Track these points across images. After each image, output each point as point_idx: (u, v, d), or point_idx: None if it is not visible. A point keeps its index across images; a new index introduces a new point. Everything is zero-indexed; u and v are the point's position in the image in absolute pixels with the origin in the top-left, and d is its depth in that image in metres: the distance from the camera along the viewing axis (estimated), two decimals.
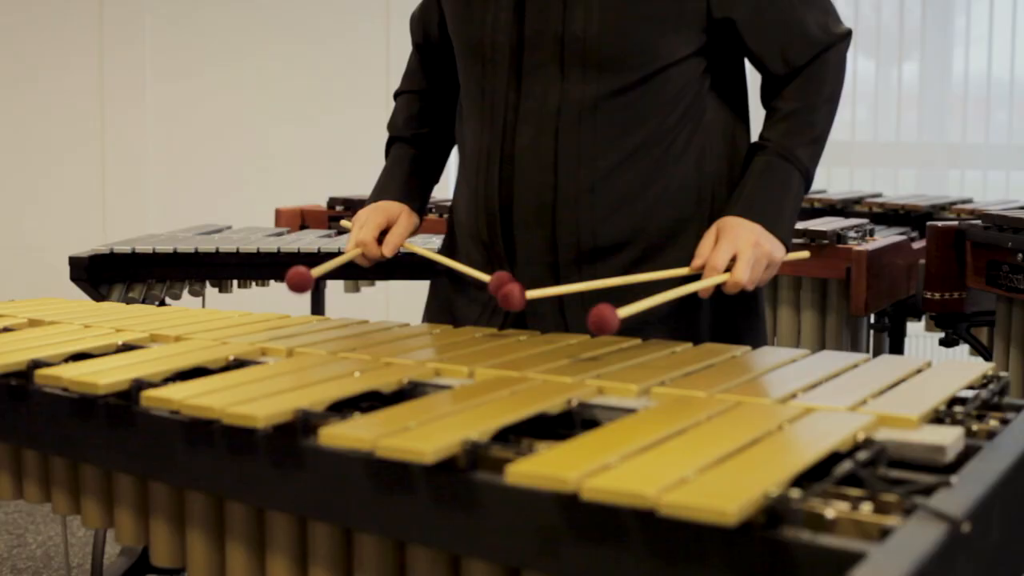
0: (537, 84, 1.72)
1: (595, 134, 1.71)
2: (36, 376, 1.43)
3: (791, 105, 1.78)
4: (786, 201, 1.75)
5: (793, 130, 1.77)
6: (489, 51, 1.76)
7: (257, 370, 1.42)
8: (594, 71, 1.70)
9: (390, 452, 1.06)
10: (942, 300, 2.68)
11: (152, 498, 1.37)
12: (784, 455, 1.01)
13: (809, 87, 1.79)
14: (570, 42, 1.70)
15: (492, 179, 1.77)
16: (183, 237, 3.14)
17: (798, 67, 1.79)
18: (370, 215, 1.89)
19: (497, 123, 1.76)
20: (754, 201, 1.72)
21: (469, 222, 1.84)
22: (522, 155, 1.74)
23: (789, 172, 1.76)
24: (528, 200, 1.74)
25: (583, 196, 1.72)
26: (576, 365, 1.41)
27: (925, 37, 4.99)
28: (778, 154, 1.76)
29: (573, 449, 1.04)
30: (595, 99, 1.70)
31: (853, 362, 1.42)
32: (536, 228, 1.75)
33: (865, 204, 3.59)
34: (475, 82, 1.80)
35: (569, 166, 1.72)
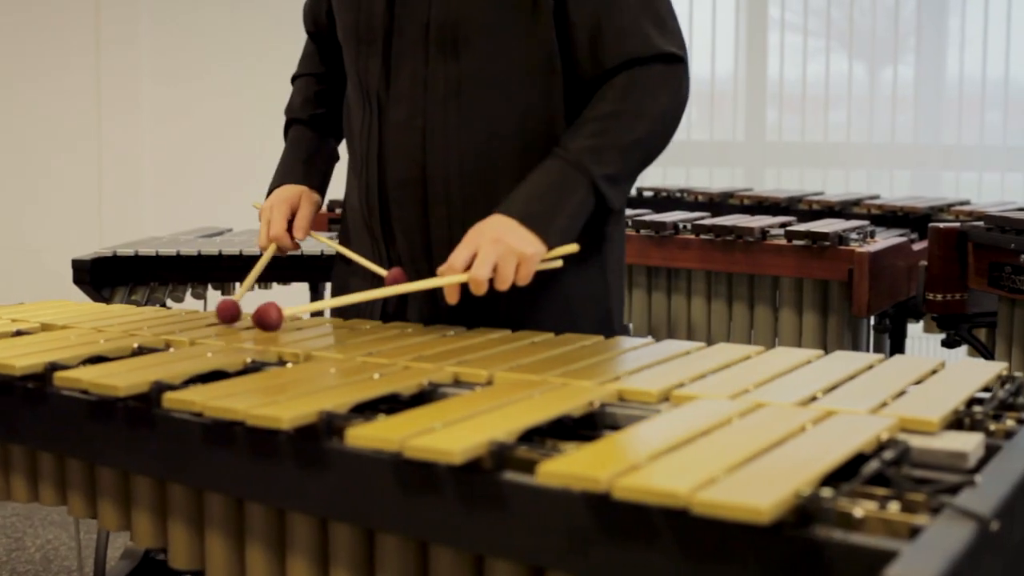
0: (406, 66, 1.78)
1: (459, 114, 1.76)
2: (55, 379, 1.43)
3: (591, 112, 1.73)
4: (559, 204, 1.69)
5: (587, 140, 1.71)
6: (365, 35, 1.82)
7: (276, 373, 1.43)
8: (452, 54, 1.75)
9: (418, 453, 1.07)
10: (944, 301, 2.69)
11: (171, 500, 1.38)
12: (811, 456, 1.02)
13: (617, 99, 1.73)
14: (434, 26, 1.74)
15: (372, 160, 1.83)
16: (185, 240, 3.14)
17: (605, 70, 1.74)
18: (275, 208, 1.94)
19: (373, 105, 1.82)
20: (516, 199, 1.70)
21: (355, 205, 1.91)
22: (393, 135, 1.80)
23: (572, 177, 1.69)
24: (400, 179, 1.80)
25: (452, 174, 1.77)
26: (593, 367, 1.42)
27: (920, 39, 5.01)
28: (566, 160, 1.70)
29: (601, 450, 1.05)
30: (458, 80, 1.75)
31: (868, 363, 1.42)
32: (408, 207, 1.80)
33: (863, 206, 3.60)
34: (354, 67, 1.86)
35: (436, 144, 1.77)
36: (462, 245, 1.66)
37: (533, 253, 1.65)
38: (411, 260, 1.83)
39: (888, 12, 5.04)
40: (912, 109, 5.02)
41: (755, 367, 1.41)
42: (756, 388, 1.29)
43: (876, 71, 5.08)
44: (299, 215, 1.95)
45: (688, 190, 3.95)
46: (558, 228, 1.69)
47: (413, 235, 1.81)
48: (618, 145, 1.71)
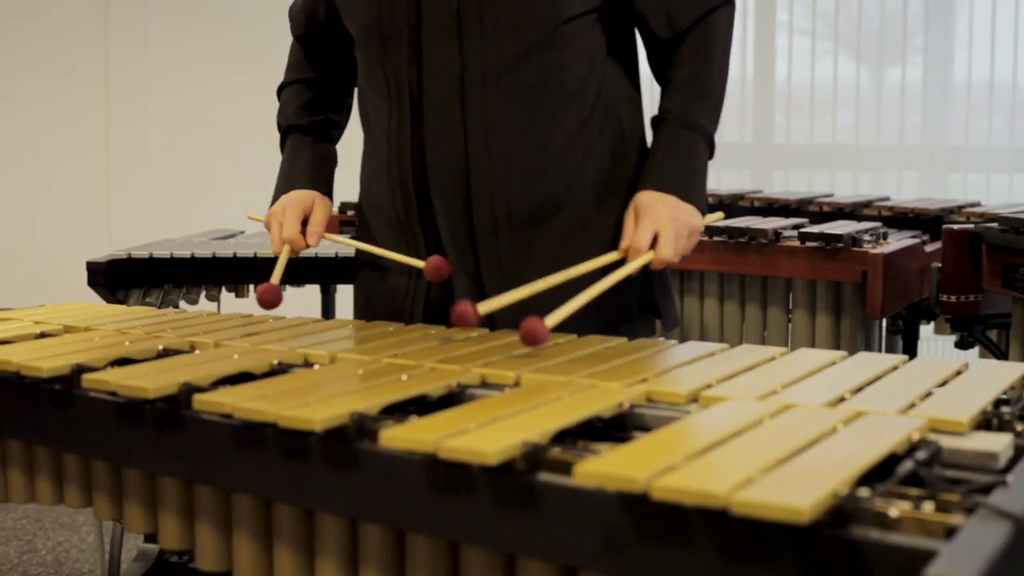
0: (437, 56, 1.76)
1: (500, 99, 1.75)
2: (83, 381, 1.43)
3: (685, 73, 1.82)
4: (696, 168, 1.79)
5: (691, 98, 1.80)
6: (387, 30, 1.79)
7: (303, 375, 1.43)
8: (491, 36, 1.73)
9: (453, 454, 1.07)
10: (958, 303, 2.69)
11: (198, 501, 1.38)
12: (845, 456, 1.02)
13: (700, 54, 1.82)
14: (466, 10, 1.73)
15: (405, 157, 1.81)
16: (199, 242, 3.15)
17: (683, 29, 1.81)
18: (287, 211, 1.90)
19: (404, 101, 1.80)
20: (665, 173, 1.76)
21: (385, 205, 1.87)
22: (431, 128, 1.78)
23: (694, 139, 1.79)
24: (441, 171, 1.78)
25: (495, 162, 1.76)
26: (620, 368, 1.42)
27: (927, 40, 5.02)
28: (681, 123, 1.79)
29: (636, 450, 1.05)
30: (496, 64, 1.74)
31: (892, 364, 1.43)
32: (451, 199, 1.79)
33: (874, 207, 3.61)
34: (376, 64, 1.83)
35: (478, 133, 1.76)
36: (642, 225, 1.69)
37: (699, 225, 1.75)
38: (455, 251, 1.81)
39: (895, 14, 5.05)
40: (920, 111, 5.03)
41: (781, 368, 1.42)
42: (784, 389, 1.30)
43: (884, 73, 5.09)
44: (313, 219, 1.92)
45: None
46: (701, 195, 1.78)
47: (457, 226, 1.80)
48: (714, 101, 1.82)
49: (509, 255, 1.79)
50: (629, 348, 1.57)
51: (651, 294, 1.89)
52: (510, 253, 1.79)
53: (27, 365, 1.50)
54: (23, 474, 1.61)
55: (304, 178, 1.96)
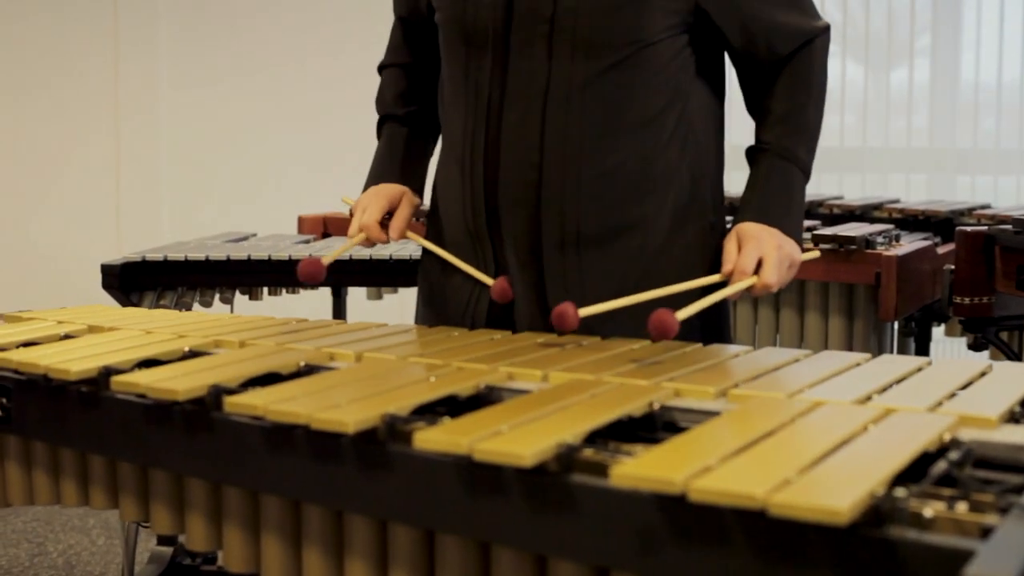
0: (524, 64, 1.75)
1: (582, 115, 1.74)
2: (112, 383, 1.44)
3: (783, 106, 1.82)
4: (795, 202, 1.81)
5: (790, 131, 1.81)
6: (472, 31, 1.78)
7: (331, 376, 1.44)
8: (582, 50, 1.72)
9: (488, 455, 1.08)
10: (971, 304, 2.69)
11: (226, 503, 1.39)
12: (878, 455, 1.03)
13: (798, 86, 1.82)
14: (560, 20, 1.72)
15: (478, 161, 1.79)
16: (213, 245, 3.15)
17: (782, 57, 1.81)
18: (372, 200, 1.89)
19: (482, 104, 1.78)
20: (768, 206, 1.78)
21: (455, 208, 1.86)
22: (508, 136, 1.76)
23: (793, 173, 1.81)
24: (513, 181, 1.77)
25: (569, 177, 1.75)
26: (646, 369, 1.43)
27: (934, 42, 5.02)
28: (780, 156, 1.81)
29: (670, 452, 1.06)
30: (583, 78, 1.73)
31: (916, 366, 1.44)
32: (520, 210, 1.77)
33: (885, 210, 3.61)
34: (459, 64, 1.82)
35: (555, 146, 1.74)
36: (747, 249, 1.71)
37: (799, 259, 1.77)
38: (518, 265, 1.79)
39: (902, 16, 5.06)
40: (927, 113, 5.03)
41: (806, 369, 1.43)
42: (811, 388, 1.30)
43: (891, 75, 5.09)
44: (398, 214, 1.90)
45: None
46: (800, 229, 1.81)
47: (522, 239, 1.78)
48: (810, 131, 1.83)
49: (575, 274, 1.77)
50: (654, 350, 1.57)
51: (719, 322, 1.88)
52: (576, 272, 1.77)
53: (55, 367, 1.51)
54: (48, 476, 1.61)
55: (395, 172, 1.95)
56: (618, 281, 1.76)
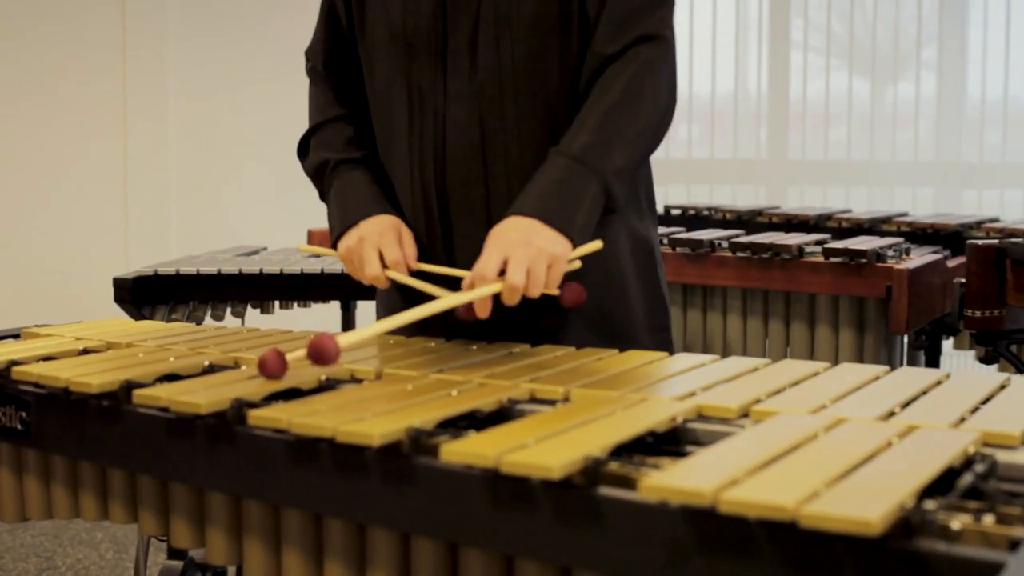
0: (460, 65, 1.77)
1: (517, 103, 1.76)
2: (134, 396, 1.45)
3: (589, 110, 1.72)
4: (575, 199, 1.66)
5: (593, 135, 1.69)
6: (414, 36, 1.79)
7: (353, 390, 1.45)
8: (507, 41, 1.75)
9: (515, 468, 1.09)
10: (982, 318, 2.70)
11: (246, 516, 1.39)
12: (905, 469, 1.04)
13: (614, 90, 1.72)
14: (484, 18, 1.75)
15: (427, 161, 1.80)
16: (224, 259, 3.16)
17: (622, 46, 1.73)
18: (383, 234, 1.76)
19: (426, 107, 1.79)
20: (532, 198, 1.67)
21: (409, 219, 1.83)
22: (453, 135, 1.78)
23: (581, 173, 1.67)
24: (461, 178, 1.78)
25: (513, 169, 1.76)
26: (667, 384, 1.44)
27: (941, 56, 5.03)
28: (571, 156, 1.68)
29: (697, 465, 1.06)
30: (512, 68, 1.75)
31: (936, 379, 1.44)
32: (471, 206, 1.79)
33: (893, 223, 3.62)
34: (399, 70, 1.81)
35: (496, 141, 1.76)
36: (488, 251, 1.60)
37: (562, 252, 1.62)
38: (472, 260, 1.71)
39: (908, 30, 5.07)
40: (934, 127, 5.04)
41: (826, 383, 1.43)
42: (833, 403, 1.31)
43: (897, 89, 5.11)
44: (407, 242, 1.78)
45: (716, 208, 3.97)
46: (579, 225, 1.65)
47: (476, 235, 1.75)
48: (622, 142, 1.70)
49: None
50: (672, 363, 1.58)
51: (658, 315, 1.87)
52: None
53: (76, 381, 1.51)
54: (67, 489, 1.62)
55: (380, 206, 1.82)
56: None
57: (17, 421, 1.61)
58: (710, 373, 1.50)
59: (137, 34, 5.09)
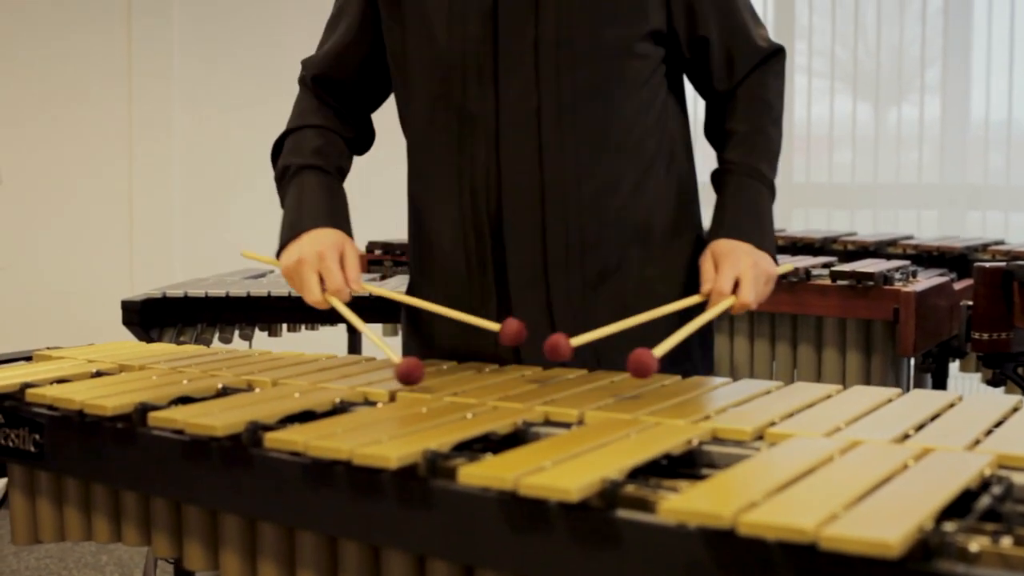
0: (514, 87, 1.76)
1: (575, 131, 1.76)
2: (149, 419, 1.45)
3: (744, 126, 1.87)
4: (765, 218, 1.85)
5: (753, 150, 1.86)
6: (461, 60, 1.78)
7: (368, 413, 1.45)
8: (568, 66, 1.75)
9: (533, 491, 1.09)
10: (990, 340, 2.70)
11: (260, 539, 1.39)
12: (922, 491, 1.04)
13: (757, 106, 1.88)
14: (544, 42, 1.75)
15: (479, 191, 1.79)
16: (232, 281, 3.17)
17: (741, 77, 1.87)
18: (324, 255, 1.73)
19: (479, 133, 1.78)
20: (738, 223, 1.81)
21: (450, 241, 1.83)
22: (508, 160, 1.77)
23: (759, 189, 1.85)
24: (518, 203, 1.78)
25: (571, 193, 1.77)
26: (681, 407, 1.44)
27: (945, 78, 5.05)
28: (746, 174, 1.85)
29: (715, 487, 1.07)
30: (572, 94, 1.76)
31: (948, 401, 1.44)
32: (526, 231, 1.78)
33: (899, 246, 3.63)
34: (443, 98, 1.80)
35: (554, 165, 1.76)
36: (723, 270, 1.73)
37: (775, 272, 1.80)
38: (523, 287, 1.79)
39: (912, 52, 5.08)
40: (938, 149, 5.05)
41: (840, 405, 1.43)
42: (847, 426, 1.31)
43: (902, 112, 5.12)
44: (349, 263, 1.76)
45: None
46: (773, 243, 1.83)
47: (527, 262, 1.78)
48: (774, 151, 1.89)
49: (579, 288, 1.79)
50: (685, 386, 1.58)
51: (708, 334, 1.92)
52: (580, 286, 1.79)
53: (90, 403, 1.52)
54: (80, 512, 1.62)
55: (326, 218, 1.81)
56: (621, 294, 1.81)
57: (30, 443, 1.62)
58: (723, 395, 1.51)
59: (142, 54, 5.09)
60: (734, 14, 1.86)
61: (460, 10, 1.77)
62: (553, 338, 1.62)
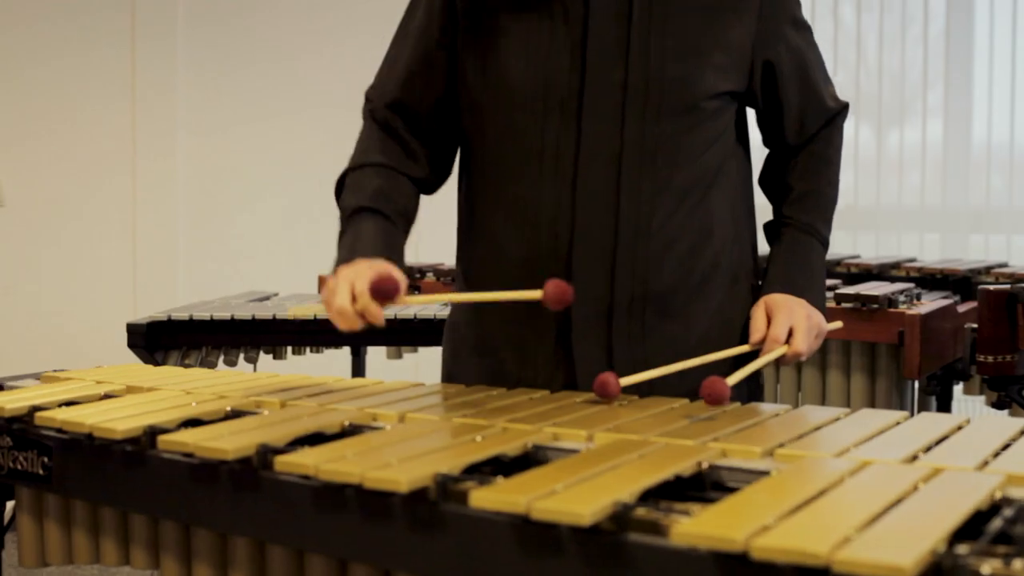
0: (597, 127, 1.75)
1: (655, 175, 1.77)
2: (159, 442, 1.45)
3: (804, 184, 1.92)
4: (817, 275, 1.90)
5: (810, 207, 1.91)
6: (544, 96, 1.76)
7: (377, 436, 1.45)
8: (653, 113, 1.75)
9: (546, 514, 1.09)
10: (995, 363, 2.71)
11: (270, 562, 1.40)
12: (933, 513, 1.04)
13: (820, 164, 1.92)
14: (633, 86, 1.74)
15: (548, 224, 1.77)
16: (237, 304, 3.18)
17: (809, 135, 1.91)
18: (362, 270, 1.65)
19: (561, 170, 1.76)
20: (794, 278, 1.86)
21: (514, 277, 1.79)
22: (584, 199, 1.76)
23: (814, 246, 1.90)
24: (590, 243, 1.77)
25: (641, 238, 1.77)
26: (690, 428, 1.44)
27: (947, 101, 5.06)
28: (802, 230, 1.89)
29: (727, 510, 1.07)
30: (654, 140, 1.76)
31: (956, 424, 1.45)
32: (595, 271, 1.77)
33: (902, 268, 3.63)
34: (525, 131, 1.78)
35: (630, 209, 1.76)
36: (778, 320, 1.78)
37: (826, 328, 1.85)
38: (586, 324, 1.78)
39: (914, 75, 5.10)
40: (940, 172, 5.06)
41: (848, 427, 1.44)
42: (856, 447, 1.32)
43: (904, 134, 5.13)
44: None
45: None
46: (824, 301, 1.89)
47: (593, 300, 1.77)
48: (829, 207, 1.93)
49: (640, 332, 1.78)
50: (693, 409, 1.59)
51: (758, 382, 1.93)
52: (641, 330, 1.78)
53: (99, 426, 1.52)
54: (88, 534, 1.62)
55: (382, 251, 1.74)
56: (679, 340, 1.81)
57: (39, 466, 1.62)
58: (732, 417, 1.51)
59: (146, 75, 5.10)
60: (810, 77, 1.89)
61: (547, 40, 1.76)
62: (603, 376, 1.65)
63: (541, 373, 1.81)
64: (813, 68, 1.89)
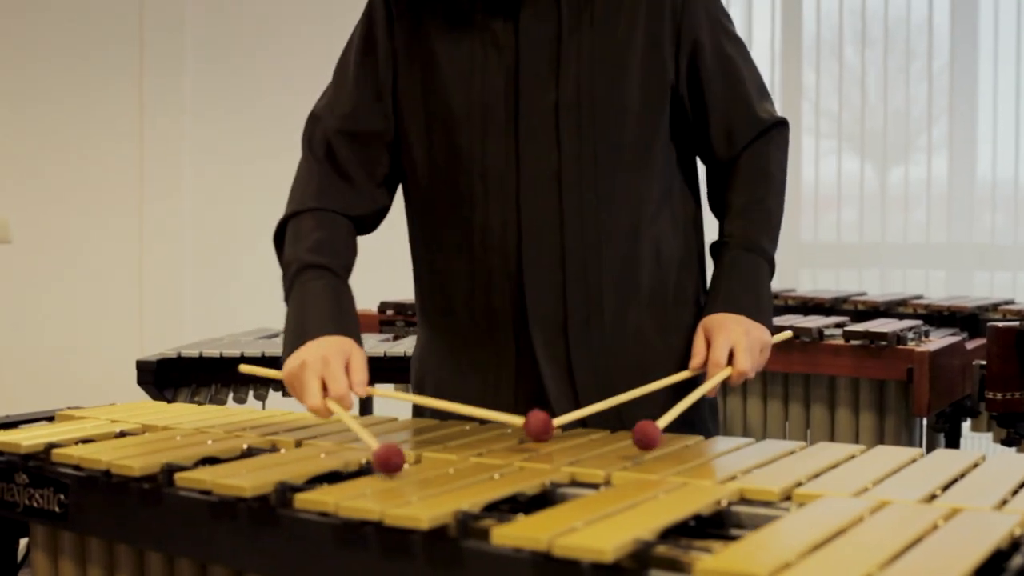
0: (535, 148, 1.78)
1: (596, 191, 1.79)
2: (176, 479, 1.46)
3: (743, 199, 1.89)
4: (761, 289, 1.85)
5: (751, 223, 1.87)
6: (482, 117, 1.79)
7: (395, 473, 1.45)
8: (588, 131, 1.78)
9: (568, 551, 1.09)
10: (1004, 400, 2.71)
11: None
12: (954, 553, 1.05)
13: (756, 178, 1.89)
14: (565, 106, 1.78)
15: (505, 247, 1.80)
16: (246, 341, 3.18)
17: (741, 147, 1.89)
18: (329, 360, 1.64)
19: (497, 192, 1.79)
20: (732, 296, 1.82)
21: (465, 303, 1.83)
22: (528, 218, 1.79)
23: (757, 263, 1.86)
24: (539, 261, 1.79)
25: (589, 253, 1.79)
26: (706, 467, 1.45)
27: (952, 138, 5.08)
28: (743, 247, 1.86)
29: (748, 548, 1.07)
30: (591, 158, 1.78)
31: (972, 461, 1.45)
32: (546, 289, 1.79)
33: (909, 306, 3.64)
34: (464, 150, 1.80)
35: (574, 224, 1.78)
36: (717, 341, 1.74)
37: (769, 340, 1.81)
38: (547, 344, 1.80)
39: (918, 112, 5.12)
40: (945, 209, 5.07)
41: (864, 465, 1.44)
42: (875, 486, 1.32)
43: (909, 172, 5.15)
44: (355, 367, 1.66)
45: None
46: (769, 314, 1.84)
47: (549, 319, 1.79)
48: (774, 224, 1.90)
49: (598, 348, 1.81)
50: (708, 447, 1.59)
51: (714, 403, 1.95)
52: (599, 346, 1.81)
53: (117, 464, 1.53)
54: (103, 572, 1.62)
55: (332, 324, 1.71)
56: (637, 356, 1.83)
57: (55, 504, 1.62)
58: (748, 456, 1.52)
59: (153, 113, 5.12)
60: (738, 85, 1.88)
61: (481, 65, 1.80)
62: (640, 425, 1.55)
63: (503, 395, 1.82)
64: (743, 78, 1.89)
